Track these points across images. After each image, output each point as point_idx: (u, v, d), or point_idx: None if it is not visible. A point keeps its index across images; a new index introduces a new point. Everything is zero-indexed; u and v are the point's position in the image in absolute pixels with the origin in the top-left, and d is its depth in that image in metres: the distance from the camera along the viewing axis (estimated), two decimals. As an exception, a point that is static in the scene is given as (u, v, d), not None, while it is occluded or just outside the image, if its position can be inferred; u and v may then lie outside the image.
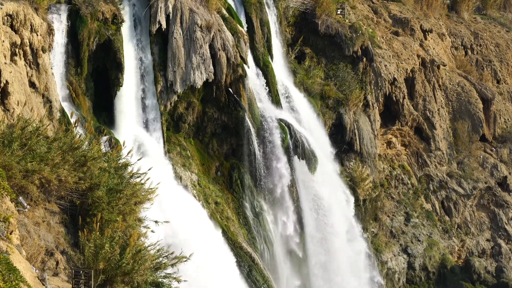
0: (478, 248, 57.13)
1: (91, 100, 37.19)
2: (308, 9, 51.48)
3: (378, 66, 53.60)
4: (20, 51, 30.51)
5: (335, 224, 46.39)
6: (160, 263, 20.30)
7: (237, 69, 41.52)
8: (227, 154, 42.80)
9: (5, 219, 16.29)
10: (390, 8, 62.41)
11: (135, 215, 21.89)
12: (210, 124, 42.11)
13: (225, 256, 37.99)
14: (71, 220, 21.22)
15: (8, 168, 19.12)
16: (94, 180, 21.12)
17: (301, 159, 43.88)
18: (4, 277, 13.98)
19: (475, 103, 60.65)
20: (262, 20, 46.36)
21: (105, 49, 37.33)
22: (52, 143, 21.26)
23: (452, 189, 57.45)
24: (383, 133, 55.67)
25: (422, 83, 58.08)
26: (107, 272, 18.83)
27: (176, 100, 40.26)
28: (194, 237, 34.00)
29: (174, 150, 40.28)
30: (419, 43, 60.16)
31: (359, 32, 51.20)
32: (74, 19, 35.91)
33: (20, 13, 30.31)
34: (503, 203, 59.07)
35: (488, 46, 68.62)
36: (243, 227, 41.50)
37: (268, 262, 41.81)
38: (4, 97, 27.92)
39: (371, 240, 51.01)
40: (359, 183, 49.77)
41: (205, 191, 40.55)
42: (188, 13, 40.17)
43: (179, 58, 39.63)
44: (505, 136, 62.61)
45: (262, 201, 42.77)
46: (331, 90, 49.79)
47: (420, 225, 54.53)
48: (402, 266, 52.63)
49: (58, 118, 32.16)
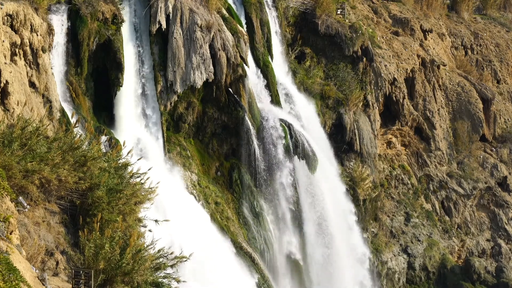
0: (478, 248, 57.11)
1: (91, 100, 37.19)
2: (308, 9, 51.46)
3: (378, 66, 53.60)
4: (20, 51, 30.51)
5: (335, 224, 46.40)
6: (160, 263, 20.32)
7: (237, 69, 41.51)
8: (227, 154, 42.80)
9: (5, 219, 16.29)
10: (390, 8, 62.39)
11: (135, 215, 21.90)
12: (210, 124, 42.10)
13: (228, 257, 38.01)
14: (71, 220, 21.23)
15: (8, 168, 19.13)
16: (94, 180, 21.13)
17: (301, 159, 43.87)
18: (4, 277, 13.99)
19: (475, 103, 60.63)
20: (262, 20, 46.36)
21: (105, 49, 37.33)
22: (52, 143, 21.27)
23: (452, 189, 57.44)
24: (383, 133, 55.65)
25: (422, 83, 58.06)
26: (107, 272, 18.85)
27: (176, 100, 40.26)
28: (195, 238, 34.03)
29: (174, 150, 40.28)
30: (419, 43, 60.13)
31: (359, 32, 51.19)
32: (74, 19, 35.91)
33: (20, 13, 30.31)
34: (503, 203, 59.05)
35: (488, 46, 68.59)
36: (243, 227, 41.49)
37: (268, 262, 41.82)
38: (4, 97, 27.92)
39: (371, 240, 51.00)
40: (359, 183, 49.75)
41: (205, 191, 40.54)
42: (188, 13, 40.17)
43: (179, 58, 39.63)
44: (505, 136, 62.58)
45: (262, 201, 42.76)
46: (331, 90, 49.78)
47: (420, 225, 54.52)
48: (402, 266, 52.62)
49: (58, 118, 32.16)
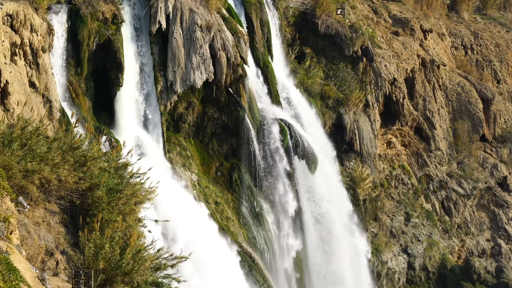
0: (478, 248, 57.11)
1: (91, 100, 37.18)
2: (308, 9, 51.46)
3: (378, 66, 53.59)
4: (20, 51, 30.50)
5: (335, 223, 46.40)
6: (160, 263, 20.30)
7: (237, 69, 41.50)
8: (227, 154, 42.78)
9: (5, 219, 16.29)
10: (390, 8, 62.39)
11: (135, 215, 21.89)
12: (210, 124, 42.09)
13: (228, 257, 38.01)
14: (71, 220, 21.22)
15: (8, 168, 19.12)
16: (94, 180, 21.12)
17: (301, 159, 43.86)
18: (4, 277, 13.98)
19: (475, 103, 60.63)
20: (262, 20, 46.35)
21: (105, 49, 37.32)
22: (52, 143, 21.25)
23: (452, 189, 57.44)
24: (383, 133, 55.65)
25: (422, 83, 58.06)
26: (107, 272, 18.84)
27: (176, 100, 40.25)
28: (195, 238, 34.03)
29: (174, 150, 40.27)
30: (419, 43, 60.13)
31: (359, 32, 51.18)
32: (74, 19, 35.90)
33: (20, 13, 30.30)
34: (503, 203, 59.05)
35: (488, 46, 68.59)
36: (243, 227, 41.48)
37: (268, 262, 41.81)
38: (4, 97, 27.92)
39: (371, 240, 51.00)
40: (359, 183, 49.75)
41: (205, 191, 40.54)
42: (188, 13, 40.17)
43: (179, 58, 39.62)
44: (505, 136, 62.58)
45: (262, 201, 42.74)
46: (331, 90, 49.77)
47: (420, 225, 54.51)
48: (402, 266, 52.62)
49: (58, 118, 32.15)
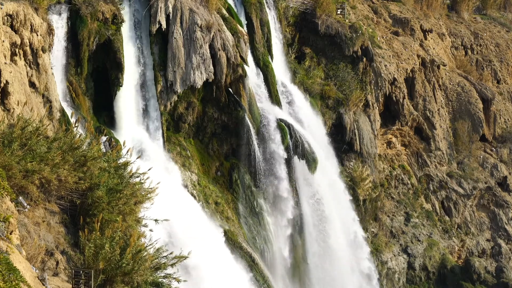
0: (478, 248, 57.12)
1: (91, 100, 37.19)
2: (308, 9, 51.45)
3: (378, 66, 53.59)
4: (20, 51, 30.49)
5: (335, 223, 46.40)
6: (160, 263, 20.30)
7: (237, 69, 41.51)
8: (227, 154, 42.79)
9: (5, 219, 16.28)
10: (390, 8, 62.39)
11: (135, 215, 21.88)
12: (210, 124, 42.10)
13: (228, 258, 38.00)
14: (71, 220, 21.21)
15: (8, 168, 19.11)
16: (94, 180, 21.10)
17: (301, 159, 43.87)
18: (4, 277, 13.98)
19: (475, 103, 60.63)
20: (262, 20, 46.35)
21: (105, 49, 37.32)
22: (52, 143, 21.23)
23: (452, 189, 57.44)
24: (383, 133, 55.65)
25: (422, 83, 58.06)
26: (107, 272, 18.83)
27: (176, 100, 40.26)
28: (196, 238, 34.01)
29: (174, 150, 40.27)
30: (419, 43, 60.13)
31: (359, 32, 51.17)
32: (74, 19, 35.90)
33: (20, 13, 30.30)
34: (503, 203, 59.06)
35: (488, 46, 68.59)
36: (243, 227, 41.49)
37: (268, 262, 41.82)
38: (4, 97, 27.92)
39: (371, 240, 51.00)
40: (359, 183, 49.75)
41: (205, 191, 40.54)
42: (188, 13, 40.17)
43: (179, 58, 39.62)
44: (505, 136, 62.60)
45: (262, 201, 42.75)
46: (331, 90, 49.77)
47: (420, 225, 54.51)
48: (402, 266, 52.62)
49: (58, 118, 32.15)
